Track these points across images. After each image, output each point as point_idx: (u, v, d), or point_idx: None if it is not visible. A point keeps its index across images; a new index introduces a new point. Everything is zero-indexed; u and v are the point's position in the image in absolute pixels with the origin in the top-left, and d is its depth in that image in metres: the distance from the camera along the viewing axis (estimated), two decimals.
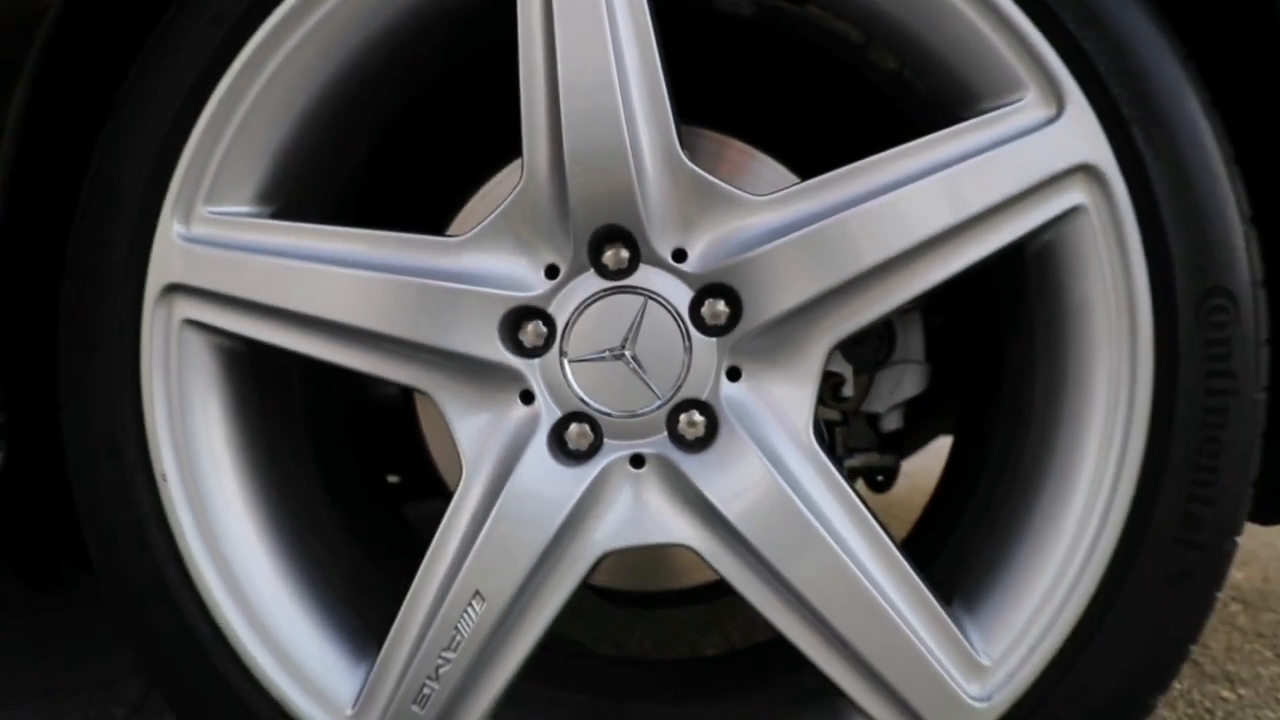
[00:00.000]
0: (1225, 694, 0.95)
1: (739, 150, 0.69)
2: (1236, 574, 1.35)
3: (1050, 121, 0.54)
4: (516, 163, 0.66)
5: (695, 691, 0.73)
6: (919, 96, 0.61)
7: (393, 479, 1.01)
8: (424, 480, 0.97)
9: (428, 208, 0.75)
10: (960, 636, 0.56)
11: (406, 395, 0.77)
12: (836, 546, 0.57)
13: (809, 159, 0.67)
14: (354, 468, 0.79)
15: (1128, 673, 0.55)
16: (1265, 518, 0.67)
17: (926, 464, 1.14)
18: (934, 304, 0.78)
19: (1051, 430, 0.58)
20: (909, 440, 0.95)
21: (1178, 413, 0.54)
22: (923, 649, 0.56)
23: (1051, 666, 0.55)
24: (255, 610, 0.61)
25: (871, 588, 0.56)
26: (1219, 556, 0.55)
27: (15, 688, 1.12)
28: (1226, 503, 0.54)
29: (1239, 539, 0.55)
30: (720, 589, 0.75)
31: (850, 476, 0.72)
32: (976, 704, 0.55)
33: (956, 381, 0.81)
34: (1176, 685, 0.97)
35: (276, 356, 0.64)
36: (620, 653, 1.12)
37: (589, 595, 0.79)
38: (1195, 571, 0.54)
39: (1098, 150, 0.54)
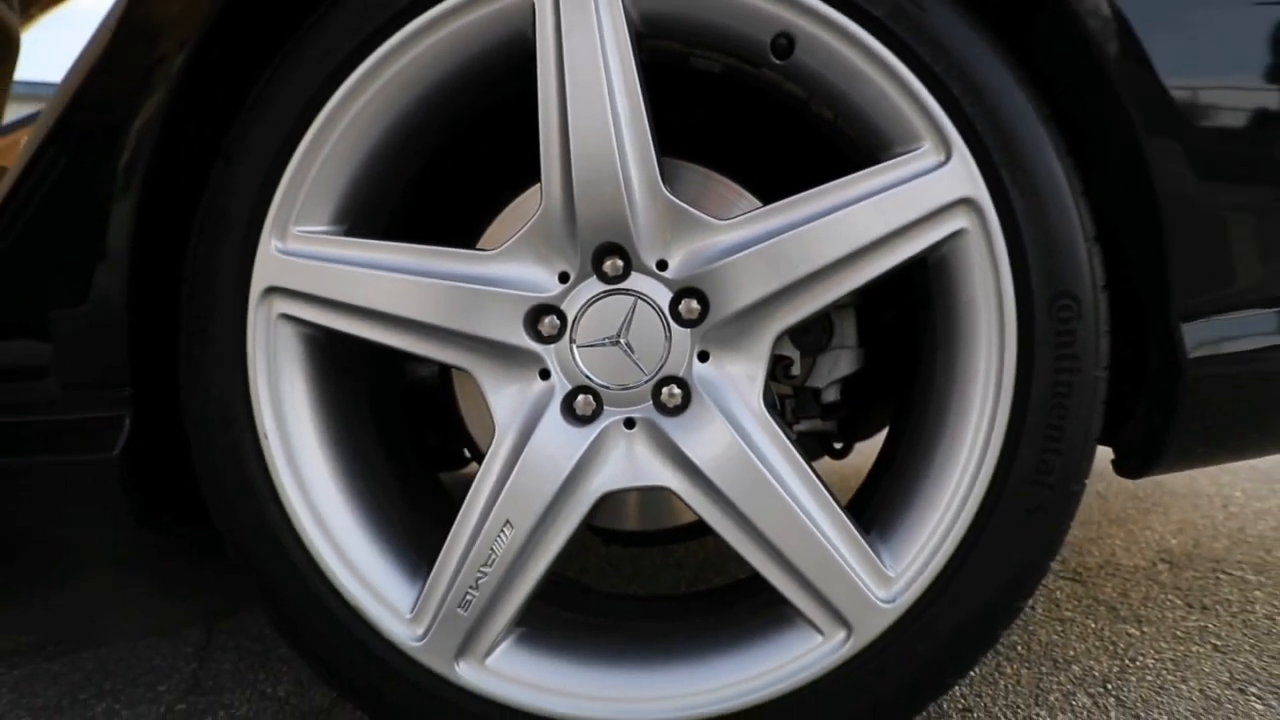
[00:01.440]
0: (1131, 631, 1.14)
1: (714, 179, 0.87)
2: (1170, 540, 1.53)
3: (941, 165, 0.73)
4: (533, 187, 0.86)
5: (676, 613, 0.92)
6: (849, 140, 0.79)
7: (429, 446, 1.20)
8: (454, 447, 1.16)
9: (461, 223, 0.94)
10: (873, 556, 0.75)
11: (444, 377, 0.96)
12: (781, 489, 0.76)
13: (769, 186, 0.85)
14: (402, 433, 0.98)
15: (997, 582, 0.74)
16: (1129, 474, 0.86)
17: None
18: (884, 302, 0.97)
19: (946, 398, 0.76)
20: (867, 424, 1.13)
21: (1034, 385, 0.72)
22: (845, 565, 0.75)
23: (939, 578, 0.74)
24: (335, 539, 0.80)
25: (808, 520, 0.75)
26: (1066, 495, 0.73)
27: (95, 634, 1.31)
28: (1072, 454, 0.73)
29: (1084, 482, 0.74)
30: (689, 531, 0.95)
31: (800, 439, 0.91)
32: (883, 605, 0.75)
33: (899, 368, 0.99)
34: (1089, 624, 1.16)
35: (346, 342, 0.83)
36: (617, 592, 1.32)
37: (593, 543, 0.98)
38: (1047, 506, 0.73)
39: (976, 188, 0.72)
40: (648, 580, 1.42)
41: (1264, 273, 0.76)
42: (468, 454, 1.23)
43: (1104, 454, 0.83)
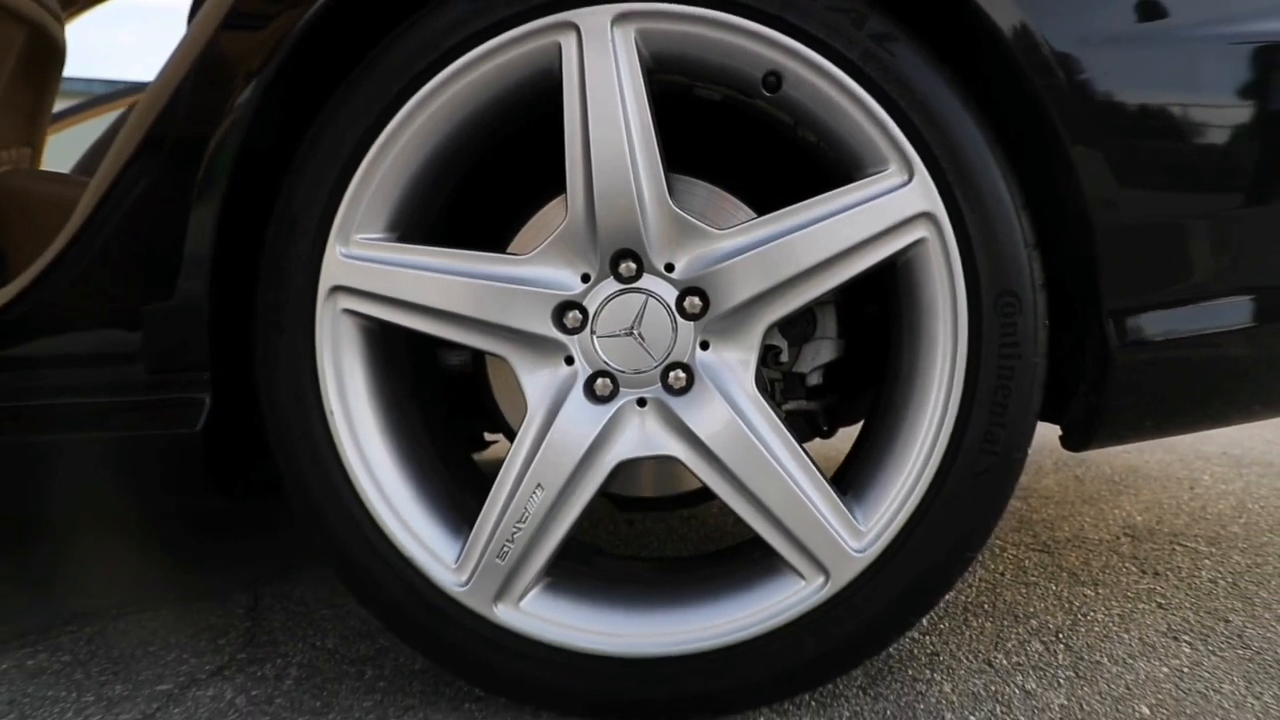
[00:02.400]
0: (1088, 592, 1.29)
1: (715, 193, 1.01)
2: (1136, 517, 1.68)
3: (905, 184, 0.87)
4: (555, 199, 1.01)
5: (681, 568, 1.07)
6: (829, 161, 0.94)
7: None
8: (477, 430, 1.31)
9: (491, 228, 1.09)
10: (848, 513, 0.90)
11: (477, 367, 1.10)
12: (771, 458, 0.90)
13: (762, 199, 1.00)
14: (443, 414, 1.13)
15: (951, 534, 0.89)
16: (1073, 447, 1.00)
17: None
18: (865, 299, 1.11)
19: (911, 380, 0.91)
20: (852, 410, 1.28)
21: (983, 369, 0.87)
22: (824, 521, 0.90)
23: (903, 530, 0.89)
24: (390, 500, 0.95)
25: (793, 484, 0.90)
26: (1009, 461, 0.88)
27: (148, 598, 1.47)
28: (1014, 427, 0.87)
29: (1025, 450, 0.89)
30: (693, 497, 1.09)
31: (788, 417, 1.06)
32: (856, 554, 0.90)
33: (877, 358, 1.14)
34: (1051, 586, 1.31)
35: (397, 334, 0.98)
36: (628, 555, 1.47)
37: (601, 523, 1.13)
38: (993, 470, 0.88)
39: (934, 203, 0.87)
40: (652, 553, 1.57)
41: (1179, 274, 0.90)
42: (487, 438, 1.38)
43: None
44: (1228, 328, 0.91)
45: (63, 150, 2.53)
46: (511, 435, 1.03)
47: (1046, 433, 1.04)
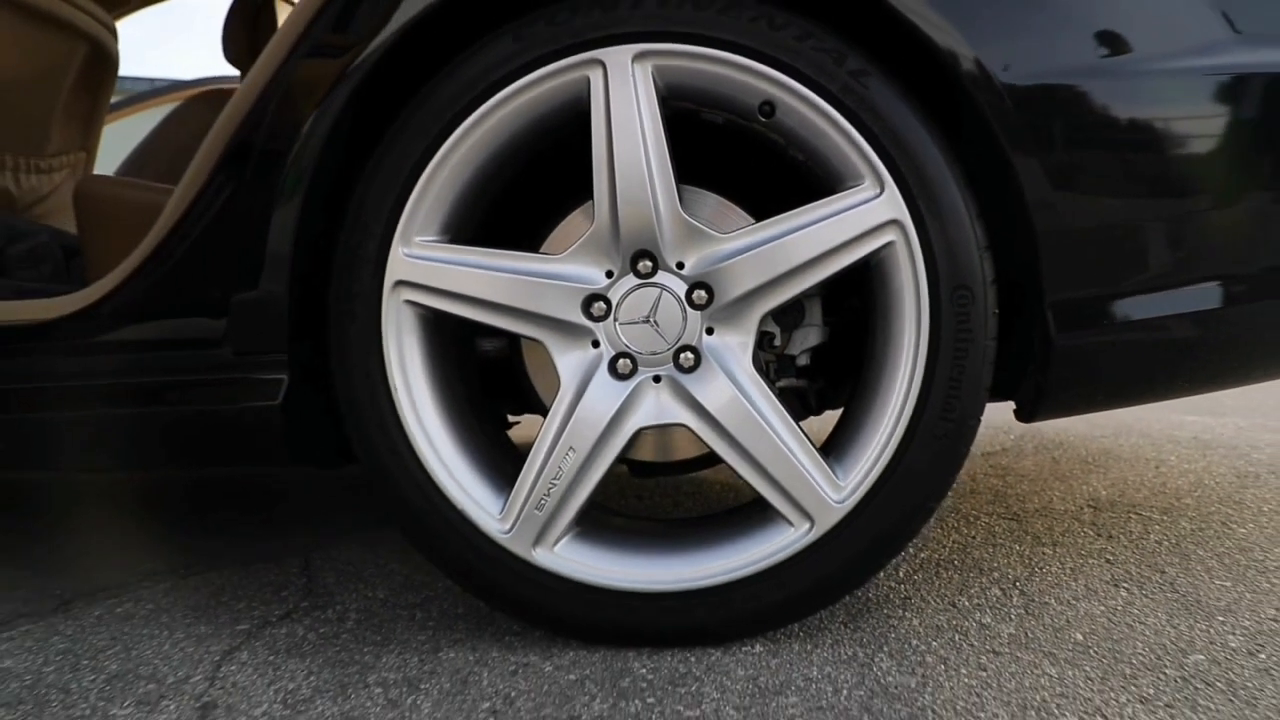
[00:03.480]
0: (1046, 551, 1.48)
1: (719, 202, 1.20)
2: (1101, 491, 1.87)
3: (877, 196, 1.06)
4: (580, 207, 1.20)
5: (685, 523, 1.26)
6: (815, 176, 1.12)
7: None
8: (503, 412, 1.50)
9: (525, 230, 1.27)
10: (829, 471, 1.09)
11: (514, 351, 1.29)
12: (766, 426, 1.09)
13: (760, 207, 1.19)
14: (483, 392, 1.32)
15: (915, 489, 1.08)
16: (1024, 419, 1.19)
17: None
18: (849, 293, 1.30)
19: (883, 360, 1.10)
20: (839, 393, 1.46)
21: (941, 350, 1.06)
22: (810, 477, 1.09)
23: (876, 485, 1.08)
24: (445, 462, 1.14)
25: (785, 447, 1.09)
26: (964, 427, 1.07)
27: (208, 560, 1.66)
28: (968, 398, 1.06)
29: (979, 418, 1.07)
30: (700, 462, 1.29)
31: (781, 393, 1.24)
32: (836, 505, 1.08)
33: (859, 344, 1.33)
34: (1015, 547, 1.50)
35: (448, 321, 1.17)
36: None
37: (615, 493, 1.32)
38: (950, 435, 1.07)
39: (901, 212, 1.05)
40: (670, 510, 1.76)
41: (1109, 272, 1.09)
42: (509, 419, 1.57)
43: (1048, 421, 1.17)
44: (1149, 317, 1.10)
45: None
46: (543, 411, 1.22)
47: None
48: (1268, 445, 2.35)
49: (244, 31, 2.62)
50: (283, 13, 2.54)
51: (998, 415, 2.93)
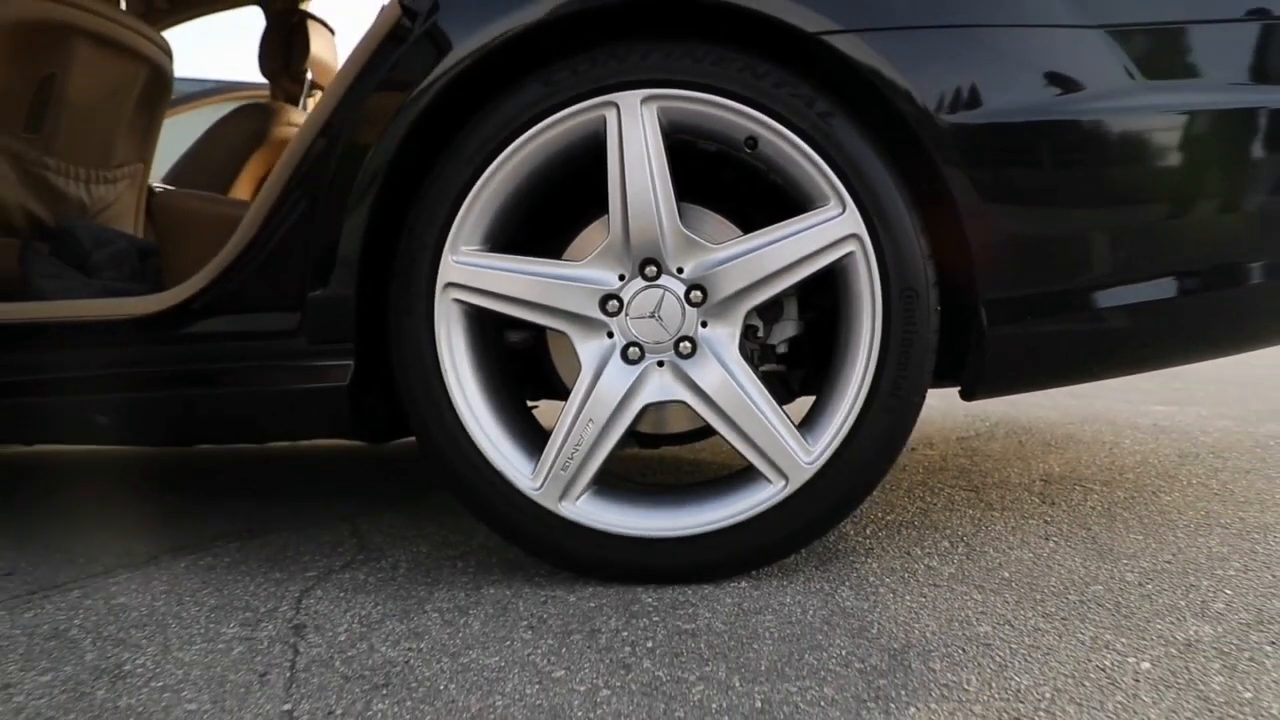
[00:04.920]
0: (995, 514, 1.74)
1: (713, 217, 1.47)
2: (1056, 468, 2.14)
3: (840, 215, 1.32)
4: (595, 221, 1.46)
5: (684, 486, 1.53)
6: (791, 196, 1.39)
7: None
8: (531, 394, 1.77)
9: (551, 239, 1.54)
10: (802, 439, 1.36)
11: (540, 343, 1.56)
12: (751, 403, 1.36)
13: (746, 221, 1.45)
14: (513, 377, 1.58)
15: (870, 453, 1.34)
16: (966, 398, 1.46)
17: None
18: (820, 294, 1.56)
19: (846, 349, 1.36)
20: (813, 385, 1.73)
21: (891, 340, 1.32)
22: (786, 444, 1.35)
23: (839, 450, 1.34)
24: (486, 432, 1.41)
25: (766, 420, 1.36)
26: (909, 404, 1.33)
27: (263, 525, 1.92)
28: (914, 380, 1.33)
29: (923, 396, 1.34)
30: (698, 434, 1.55)
31: (764, 377, 1.51)
32: (807, 465, 1.35)
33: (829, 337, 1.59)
34: (970, 512, 1.77)
35: (487, 316, 1.43)
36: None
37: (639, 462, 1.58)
38: (898, 410, 1.33)
39: (859, 228, 1.32)
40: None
41: (1033, 272, 1.35)
42: (529, 403, 1.84)
43: (1025, 409, 1.44)
44: (1070, 311, 1.36)
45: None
46: (562, 394, 1.48)
47: (1002, 408, 1.49)
48: (1217, 430, 2.61)
49: (278, 49, 2.89)
50: (314, 34, 2.81)
51: (978, 405, 3.19)
